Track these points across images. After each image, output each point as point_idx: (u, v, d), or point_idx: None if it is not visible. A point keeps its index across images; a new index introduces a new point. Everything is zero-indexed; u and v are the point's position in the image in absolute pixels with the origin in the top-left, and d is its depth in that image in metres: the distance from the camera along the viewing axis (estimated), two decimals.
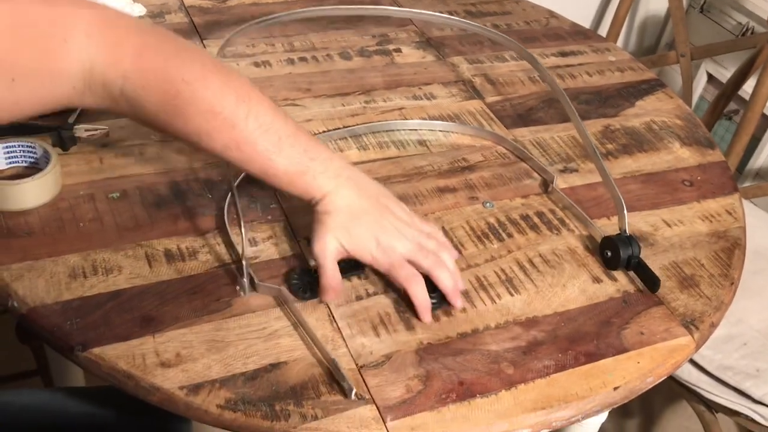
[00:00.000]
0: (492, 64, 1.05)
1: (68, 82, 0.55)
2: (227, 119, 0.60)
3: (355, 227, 0.65)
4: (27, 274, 0.63)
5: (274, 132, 0.63)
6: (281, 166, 0.63)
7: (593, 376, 0.62)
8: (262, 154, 0.63)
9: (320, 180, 0.65)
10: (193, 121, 0.60)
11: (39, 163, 0.74)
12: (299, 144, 0.64)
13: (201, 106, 0.60)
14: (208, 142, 0.62)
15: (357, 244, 0.65)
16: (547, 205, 0.80)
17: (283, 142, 0.63)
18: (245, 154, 0.62)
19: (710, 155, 0.92)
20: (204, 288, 0.64)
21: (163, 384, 0.56)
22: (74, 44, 0.54)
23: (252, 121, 0.61)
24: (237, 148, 0.62)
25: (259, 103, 0.62)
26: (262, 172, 0.64)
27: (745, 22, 1.72)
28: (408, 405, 0.57)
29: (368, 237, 0.65)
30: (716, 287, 0.72)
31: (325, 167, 0.65)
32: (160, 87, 0.58)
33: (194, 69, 0.59)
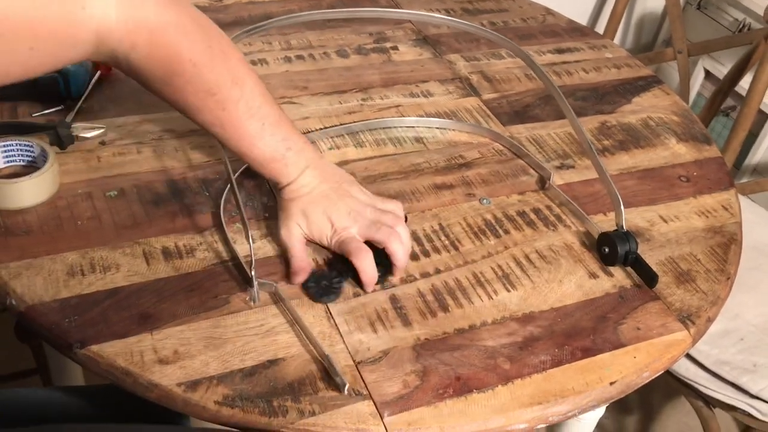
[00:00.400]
0: (488, 61, 1.05)
1: (82, 48, 0.55)
2: (219, 101, 0.62)
3: (312, 212, 0.68)
4: (25, 272, 0.63)
5: (259, 118, 0.65)
6: (258, 151, 0.67)
7: (590, 371, 0.62)
8: (243, 138, 0.65)
9: (290, 168, 0.68)
10: (188, 97, 0.62)
11: (37, 161, 0.74)
12: (279, 132, 0.67)
13: (200, 86, 0.61)
14: (196, 115, 0.64)
15: (313, 228, 0.69)
16: (543, 202, 0.80)
17: (265, 130, 0.66)
18: (227, 134, 0.65)
19: (707, 151, 0.92)
20: (201, 285, 0.65)
21: (161, 381, 0.56)
22: (92, 10, 0.53)
23: (242, 105, 0.64)
24: (221, 126, 0.64)
25: (252, 88, 0.64)
26: (239, 151, 0.67)
27: (741, 18, 1.73)
28: (405, 400, 0.57)
29: (323, 220, 0.68)
30: (712, 282, 0.72)
31: (297, 158, 0.68)
32: (167, 63, 0.59)
33: (203, 52, 0.60)
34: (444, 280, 0.69)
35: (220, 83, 0.62)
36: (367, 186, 0.78)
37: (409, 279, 0.68)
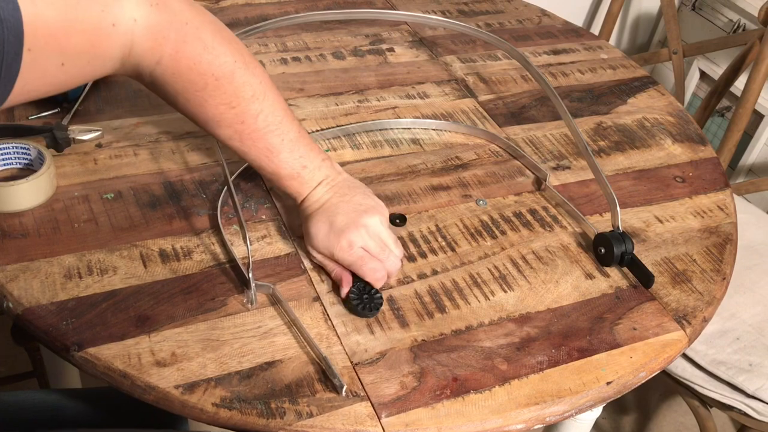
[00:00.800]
0: (485, 62, 1.05)
1: (110, 63, 0.56)
2: (239, 115, 0.63)
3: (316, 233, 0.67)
4: (22, 275, 0.63)
5: (278, 134, 0.65)
6: (274, 167, 0.67)
7: (586, 371, 0.62)
8: (261, 152, 0.66)
9: (304, 187, 0.68)
10: (208, 111, 0.62)
11: (33, 164, 0.74)
12: (297, 150, 0.67)
13: (221, 99, 0.62)
14: (215, 129, 0.64)
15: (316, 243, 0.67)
16: (540, 203, 0.80)
17: (284, 146, 0.66)
18: (245, 147, 0.65)
19: (702, 151, 0.93)
20: (199, 287, 0.65)
21: (159, 383, 0.56)
22: (121, 27, 0.54)
23: (261, 120, 0.64)
24: (240, 140, 0.65)
25: (272, 104, 0.65)
26: (256, 165, 0.68)
27: (736, 19, 1.73)
28: (402, 401, 0.57)
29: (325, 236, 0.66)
30: (708, 282, 0.73)
31: (312, 176, 0.68)
32: (190, 78, 0.60)
33: (225, 66, 0.61)
34: (441, 281, 0.69)
35: (240, 96, 0.62)
36: None
37: (406, 280, 0.68)
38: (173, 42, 0.57)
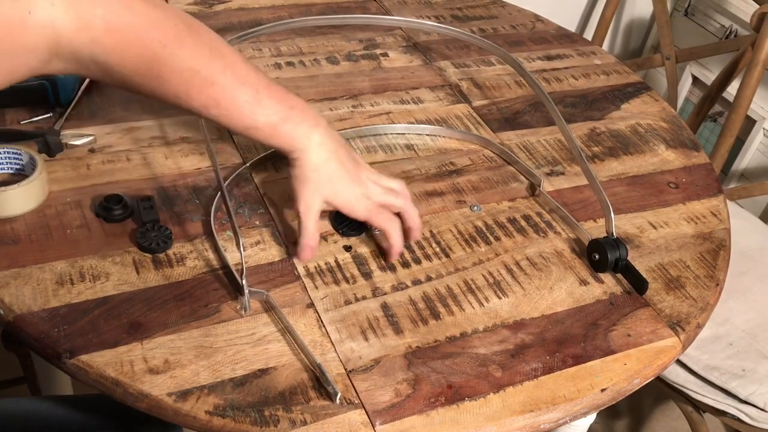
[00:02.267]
0: (478, 68, 1.05)
1: (34, 56, 0.52)
2: (206, 77, 0.60)
3: (339, 183, 0.68)
4: (13, 281, 0.63)
5: (250, 84, 0.63)
6: (262, 117, 0.64)
7: (580, 378, 0.62)
8: (243, 108, 0.63)
9: (301, 129, 0.66)
10: (171, 83, 0.59)
11: (25, 169, 0.74)
12: (275, 94, 0.65)
13: (178, 67, 0.58)
14: (187, 101, 0.61)
15: (342, 199, 0.68)
16: (534, 209, 0.80)
17: (261, 94, 0.63)
18: (225, 110, 0.62)
19: (695, 157, 0.93)
20: (192, 294, 0.64)
21: (152, 391, 0.56)
22: (38, 14, 0.50)
23: (229, 74, 0.61)
24: (217, 105, 0.62)
25: (231, 56, 0.62)
26: (244, 126, 0.64)
27: (728, 25, 1.74)
28: (397, 409, 0.57)
29: (351, 191, 0.68)
30: (702, 288, 0.73)
31: (303, 115, 0.66)
32: (135, 51, 0.56)
33: (168, 30, 0.57)
34: (435, 287, 0.69)
35: (199, 58, 0.59)
36: None
37: (400, 286, 0.68)
38: (101, 18, 0.53)
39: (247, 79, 0.62)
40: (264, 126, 0.64)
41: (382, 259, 0.70)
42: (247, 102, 0.62)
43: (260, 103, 0.63)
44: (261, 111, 0.63)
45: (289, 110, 0.65)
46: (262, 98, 0.63)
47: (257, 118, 0.63)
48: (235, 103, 0.62)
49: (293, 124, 0.65)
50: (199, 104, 0.61)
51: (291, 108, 0.65)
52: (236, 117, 0.63)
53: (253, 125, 0.64)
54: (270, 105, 0.64)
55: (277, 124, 0.64)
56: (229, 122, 0.64)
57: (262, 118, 0.64)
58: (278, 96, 0.65)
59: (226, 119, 0.63)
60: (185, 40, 0.58)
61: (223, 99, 0.61)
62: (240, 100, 0.62)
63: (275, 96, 0.64)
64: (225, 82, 0.61)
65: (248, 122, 0.64)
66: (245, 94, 0.62)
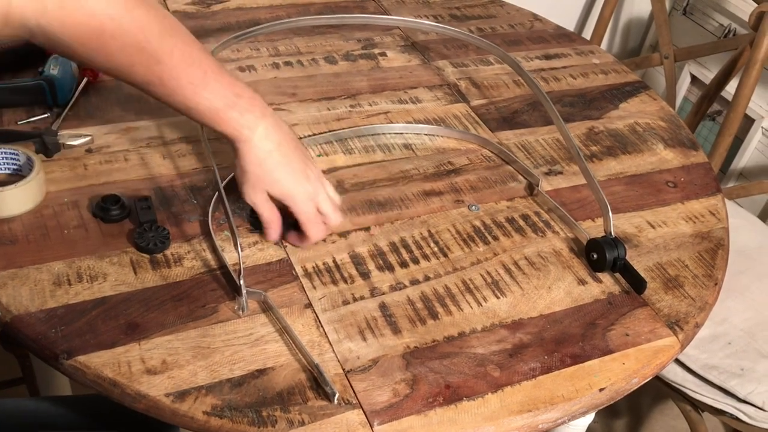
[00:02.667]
0: (477, 67, 1.05)
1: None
2: (152, 54, 0.59)
3: (282, 177, 0.67)
4: (10, 282, 0.63)
5: (198, 66, 0.62)
6: (206, 101, 0.63)
7: (579, 377, 0.62)
8: (187, 89, 0.62)
9: (247, 118, 0.65)
10: (116, 57, 0.58)
11: (22, 170, 0.73)
12: (224, 79, 0.64)
13: (125, 41, 0.58)
14: (132, 76, 0.60)
15: (285, 192, 0.68)
16: (532, 208, 0.80)
17: (209, 77, 0.62)
18: (169, 89, 0.62)
19: (693, 156, 0.93)
20: (190, 294, 0.64)
21: (149, 391, 0.56)
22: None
23: (177, 54, 0.60)
24: (161, 83, 0.61)
25: (184, 38, 0.61)
26: (186, 107, 0.63)
27: (726, 23, 1.74)
28: (395, 409, 0.57)
29: (295, 186, 0.68)
30: (700, 288, 0.73)
31: (251, 104, 0.65)
32: (82, 23, 0.55)
33: (118, 4, 0.57)
34: (433, 287, 0.69)
35: (148, 34, 0.58)
36: (356, 193, 0.78)
37: (398, 286, 0.68)
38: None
39: (194, 61, 0.61)
40: (207, 110, 0.63)
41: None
42: (191, 84, 0.61)
43: (206, 86, 0.62)
44: (205, 95, 0.62)
45: (236, 98, 0.64)
46: (208, 82, 0.62)
47: (200, 101, 0.63)
48: (179, 82, 0.61)
49: (238, 112, 0.64)
50: (143, 80, 0.61)
51: (238, 96, 0.64)
52: (179, 97, 0.62)
53: (195, 107, 0.63)
54: (216, 89, 0.63)
55: (220, 109, 0.64)
56: (171, 101, 0.63)
57: (205, 101, 0.63)
58: (226, 82, 0.64)
59: (169, 98, 0.62)
60: (135, 13, 0.58)
61: (167, 77, 0.61)
62: (184, 81, 0.61)
63: (223, 82, 0.63)
64: (170, 61, 0.60)
65: (191, 104, 0.63)
66: (191, 76, 0.61)
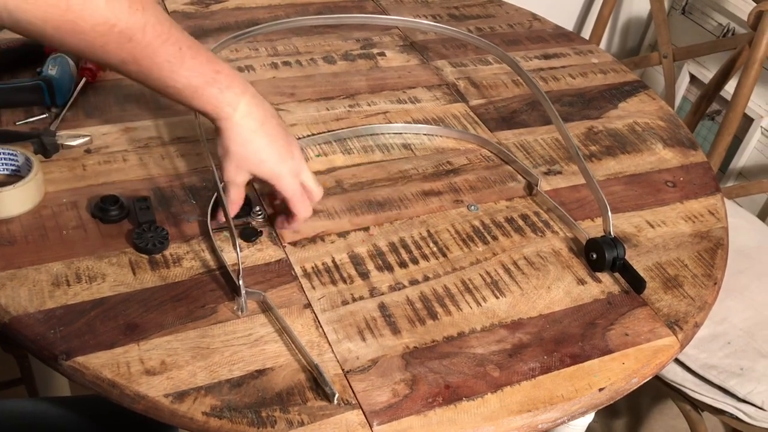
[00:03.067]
0: (475, 67, 1.05)
1: None
2: (123, 32, 0.57)
3: (268, 157, 0.67)
4: (9, 282, 0.63)
5: (173, 42, 0.60)
6: (183, 78, 0.61)
7: (578, 377, 0.62)
8: (163, 66, 0.60)
9: (228, 95, 0.63)
10: (86, 36, 0.57)
11: (21, 170, 0.73)
12: (201, 55, 0.62)
13: (94, 19, 0.56)
14: (104, 56, 0.59)
15: (270, 172, 0.67)
16: (531, 208, 0.80)
17: (185, 53, 0.60)
18: (143, 68, 0.60)
19: (693, 156, 0.93)
20: (189, 294, 0.64)
21: (148, 392, 0.56)
22: None
23: (150, 31, 0.58)
24: (134, 61, 0.59)
25: (155, 14, 0.59)
26: (163, 85, 0.62)
27: (725, 23, 1.74)
28: (394, 409, 0.57)
29: (280, 166, 0.67)
30: (699, 287, 0.73)
31: (230, 81, 0.64)
32: (48, 2, 0.53)
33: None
34: (432, 287, 0.69)
35: (116, 11, 0.56)
36: (355, 193, 0.78)
37: (397, 286, 0.68)
38: None
39: (169, 38, 0.59)
40: (184, 88, 0.62)
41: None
42: (167, 61, 0.60)
43: (183, 63, 0.60)
44: (183, 72, 0.61)
45: (215, 74, 0.63)
46: (185, 59, 0.60)
47: (177, 78, 0.61)
48: (155, 60, 0.59)
49: (218, 89, 0.63)
50: (116, 59, 0.59)
51: (216, 72, 0.63)
52: (155, 76, 0.61)
53: (172, 85, 0.61)
54: (193, 67, 0.61)
55: (199, 87, 0.62)
56: (147, 80, 0.61)
57: (183, 79, 0.61)
58: (204, 58, 0.62)
59: (144, 77, 0.61)
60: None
61: (141, 56, 0.59)
62: (160, 59, 0.59)
63: (200, 58, 0.62)
64: (143, 38, 0.58)
65: (168, 82, 0.61)
66: (166, 53, 0.59)
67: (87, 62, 0.88)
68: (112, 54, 0.58)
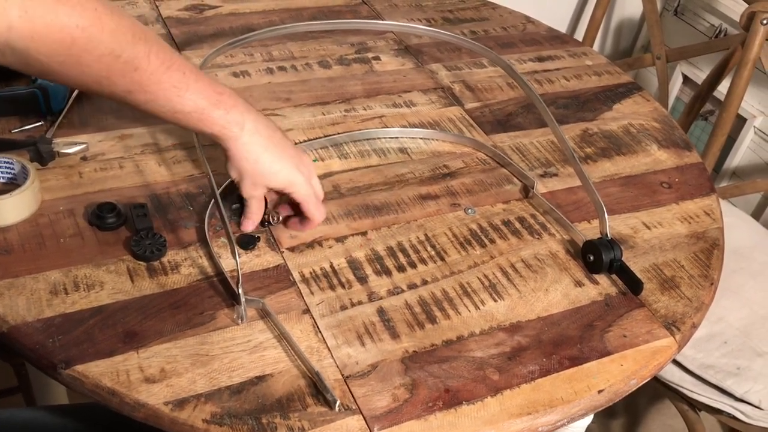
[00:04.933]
0: (470, 70, 1.05)
1: None
2: (128, 62, 0.58)
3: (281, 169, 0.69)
4: (7, 292, 0.62)
5: (177, 68, 0.61)
6: (190, 102, 0.62)
7: (577, 379, 0.62)
8: (169, 92, 0.61)
9: (233, 115, 0.65)
10: (92, 69, 0.57)
11: (17, 178, 0.73)
12: (203, 79, 0.63)
13: (99, 51, 0.56)
14: (110, 87, 0.59)
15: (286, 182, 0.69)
16: (528, 210, 0.80)
17: (188, 78, 0.62)
18: (150, 95, 0.61)
19: (687, 157, 0.93)
20: (187, 301, 0.64)
21: (148, 400, 0.56)
22: None
23: (153, 59, 0.59)
24: (141, 90, 0.60)
25: (157, 42, 0.60)
26: (171, 111, 0.63)
27: (718, 24, 1.75)
28: (395, 414, 0.57)
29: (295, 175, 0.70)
30: (696, 288, 0.73)
31: (233, 101, 0.65)
32: (52, 36, 0.54)
33: (86, 13, 0.55)
34: (431, 291, 0.69)
35: (121, 42, 0.57)
36: (353, 197, 0.79)
37: (396, 291, 0.68)
38: (16, 3, 0.51)
39: (171, 64, 0.61)
40: (192, 111, 0.63)
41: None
42: (174, 87, 0.61)
43: (188, 88, 0.62)
44: (189, 96, 0.62)
45: (218, 96, 0.64)
46: (189, 83, 0.62)
47: (185, 103, 0.62)
48: (161, 87, 0.60)
49: (223, 110, 0.64)
50: (122, 90, 0.60)
51: (220, 94, 0.64)
52: (162, 102, 0.61)
53: (180, 110, 0.62)
54: (198, 90, 0.63)
55: (205, 109, 0.63)
56: (155, 107, 0.62)
57: (190, 103, 0.62)
58: (206, 82, 0.64)
59: (152, 105, 0.62)
60: (105, 22, 0.57)
61: (147, 83, 0.60)
62: (166, 84, 0.61)
63: (203, 81, 0.63)
64: (148, 66, 0.59)
65: (176, 107, 0.62)
66: (171, 79, 0.61)
67: None
68: (119, 84, 0.59)
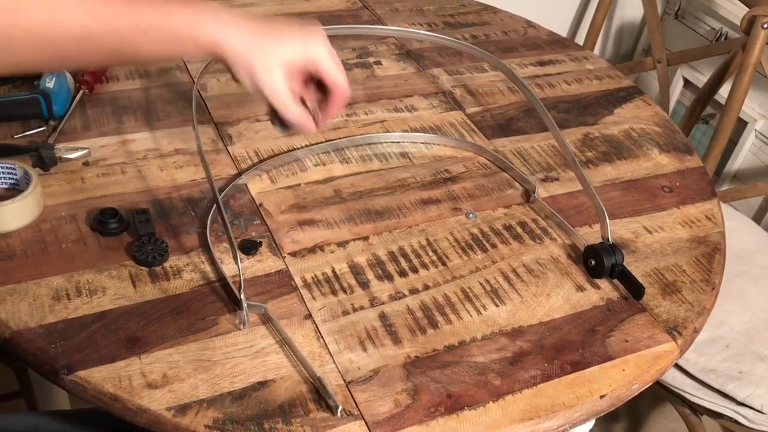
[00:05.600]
0: (471, 74, 1.05)
1: None
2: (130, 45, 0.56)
3: (289, 37, 0.63)
4: (9, 297, 0.63)
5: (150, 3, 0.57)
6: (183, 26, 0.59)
7: (579, 384, 0.62)
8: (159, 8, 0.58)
9: (223, 19, 0.60)
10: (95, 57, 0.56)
11: (19, 184, 0.73)
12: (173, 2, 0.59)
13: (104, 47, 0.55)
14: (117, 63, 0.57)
15: (300, 49, 0.63)
16: (529, 215, 0.80)
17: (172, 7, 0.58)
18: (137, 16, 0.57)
19: (689, 161, 0.93)
20: (189, 307, 0.64)
21: (151, 405, 0.56)
22: None
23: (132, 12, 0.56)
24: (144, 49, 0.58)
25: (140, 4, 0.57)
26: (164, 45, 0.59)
27: (718, 27, 1.75)
28: (397, 419, 0.57)
29: (306, 37, 0.64)
30: (698, 293, 0.73)
31: (209, 8, 0.60)
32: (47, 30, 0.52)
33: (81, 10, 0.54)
34: (433, 296, 0.69)
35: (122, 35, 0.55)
36: (354, 202, 0.79)
37: (398, 296, 0.68)
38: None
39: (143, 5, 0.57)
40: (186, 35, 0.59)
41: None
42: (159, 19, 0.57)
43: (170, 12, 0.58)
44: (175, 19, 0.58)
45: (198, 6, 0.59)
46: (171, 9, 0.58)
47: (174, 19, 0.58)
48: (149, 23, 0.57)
49: (214, 16, 0.60)
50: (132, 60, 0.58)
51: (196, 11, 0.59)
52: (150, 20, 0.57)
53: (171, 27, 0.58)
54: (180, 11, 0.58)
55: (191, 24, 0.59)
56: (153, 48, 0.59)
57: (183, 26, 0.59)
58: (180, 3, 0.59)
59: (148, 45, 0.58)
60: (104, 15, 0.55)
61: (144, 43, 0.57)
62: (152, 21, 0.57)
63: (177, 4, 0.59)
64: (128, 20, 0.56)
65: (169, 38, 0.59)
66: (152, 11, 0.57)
67: (84, 74, 0.88)
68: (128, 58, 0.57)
